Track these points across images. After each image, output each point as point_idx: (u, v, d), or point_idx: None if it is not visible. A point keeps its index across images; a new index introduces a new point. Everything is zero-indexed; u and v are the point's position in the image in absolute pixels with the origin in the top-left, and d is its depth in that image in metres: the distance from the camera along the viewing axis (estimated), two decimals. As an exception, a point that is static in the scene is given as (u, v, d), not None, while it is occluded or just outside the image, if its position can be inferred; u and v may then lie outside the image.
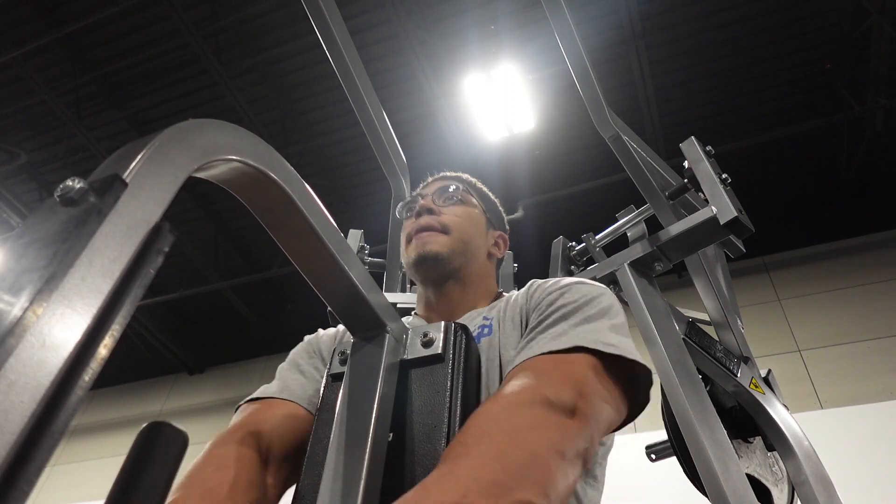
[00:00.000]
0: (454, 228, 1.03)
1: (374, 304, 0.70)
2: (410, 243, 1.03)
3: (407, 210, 1.11)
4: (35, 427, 0.30)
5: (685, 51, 4.49)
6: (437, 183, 1.13)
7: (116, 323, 0.35)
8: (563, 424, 0.63)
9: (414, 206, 1.07)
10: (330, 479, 0.62)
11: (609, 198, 3.77)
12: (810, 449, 1.42)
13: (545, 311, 0.81)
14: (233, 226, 6.01)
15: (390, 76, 4.70)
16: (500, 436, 0.59)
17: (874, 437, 3.51)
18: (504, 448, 0.57)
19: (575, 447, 0.62)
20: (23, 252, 0.34)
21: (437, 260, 0.99)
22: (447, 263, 1.00)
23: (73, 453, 6.15)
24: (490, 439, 0.58)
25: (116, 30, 4.64)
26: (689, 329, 1.49)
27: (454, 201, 1.07)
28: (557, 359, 0.71)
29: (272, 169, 0.56)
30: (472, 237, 1.05)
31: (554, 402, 0.63)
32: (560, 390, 0.65)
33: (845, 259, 4.76)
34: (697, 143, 1.45)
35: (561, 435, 0.61)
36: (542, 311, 0.82)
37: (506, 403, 0.64)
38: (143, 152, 0.41)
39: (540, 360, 0.71)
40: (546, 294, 0.86)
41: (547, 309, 0.81)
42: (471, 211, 1.08)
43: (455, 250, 1.01)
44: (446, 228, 1.02)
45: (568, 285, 0.85)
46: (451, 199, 1.07)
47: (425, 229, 1.02)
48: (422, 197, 1.10)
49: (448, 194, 1.08)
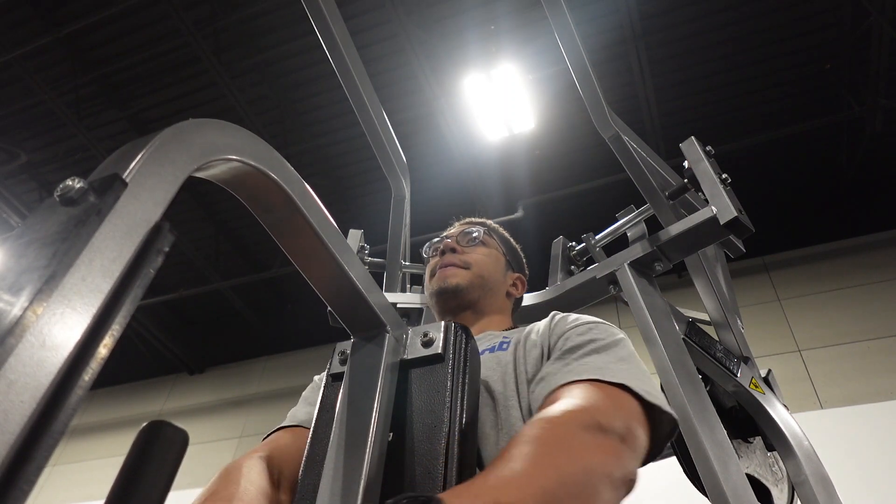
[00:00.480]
0: (474, 265, 1.13)
1: (374, 304, 0.70)
2: (433, 277, 1.13)
3: (432, 250, 1.22)
4: (35, 426, 0.30)
5: (685, 51, 4.49)
6: (462, 227, 1.25)
7: (116, 323, 0.35)
8: (615, 450, 0.66)
9: (439, 246, 1.19)
10: (330, 479, 0.62)
11: (609, 198, 3.76)
12: (810, 449, 1.42)
13: (576, 341, 0.84)
14: (233, 226, 6.01)
15: (390, 76, 4.70)
16: (559, 449, 0.61)
17: (874, 437, 3.51)
18: (561, 461, 0.59)
19: (622, 473, 0.65)
20: (23, 251, 0.34)
21: (457, 291, 1.08)
22: (466, 294, 1.09)
23: (73, 453, 6.15)
24: (548, 449, 0.60)
25: (116, 30, 4.64)
26: (689, 329, 1.49)
27: (476, 243, 1.18)
28: (607, 389, 0.73)
29: (272, 169, 0.56)
30: (491, 274, 1.14)
31: (607, 429, 0.66)
32: (613, 418, 0.68)
33: (845, 259, 4.76)
34: (697, 143, 1.45)
35: (613, 460, 0.64)
36: (572, 339, 0.85)
37: (564, 420, 0.66)
38: (143, 152, 0.41)
39: (589, 387, 0.74)
40: (572, 325, 0.89)
41: (577, 339, 0.84)
42: (491, 252, 1.19)
43: (474, 283, 1.10)
44: (467, 265, 1.13)
45: (594, 322, 0.90)
46: (473, 241, 1.18)
47: (447, 265, 1.12)
48: (447, 238, 1.21)
49: (471, 237, 1.19)
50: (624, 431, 0.68)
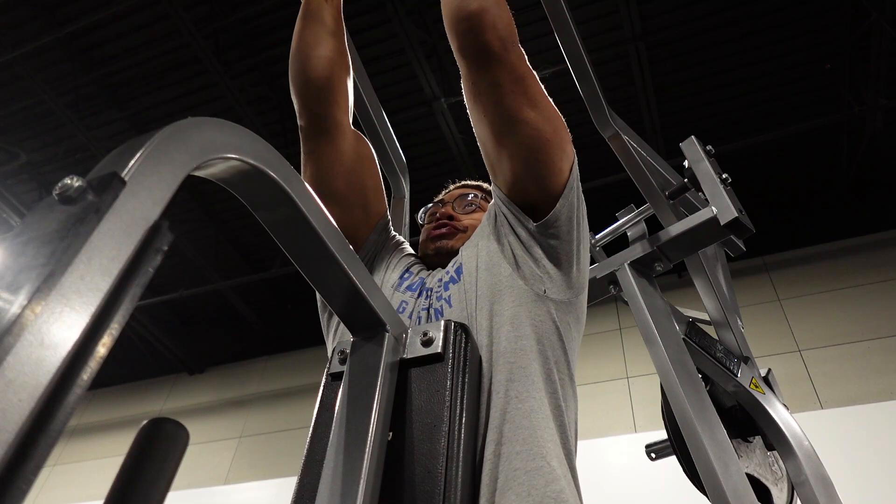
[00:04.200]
0: (471, 228, 1.15)
1: (373, 304, 0.70)
2: (429, 242, 1.16)
3: (428, 215, 1.25)
4: (33, 426, 0.30)
5: (685, 51, 4.49)
6: (458, 191, 1.27)
7: (115, 322, 0.35)
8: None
9: (436, 213, 1.22)
10: (329, 478, 0.62)
11: (609, 198, 3.76)
12: (810, 449, 1.42)
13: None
14: (233, 226, 6.00)
15: (390, 76, 4.70)
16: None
17: (874, 437, 3.51)
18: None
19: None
20: (21, 250, 0.34)
21: (452, 252, 1.11)
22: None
23: (73, 453, 6.15)
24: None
25: (116, 30, 4.64)
26: (689, 329, 1.49)
27: (473, 208, 1.21)
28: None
29: (271, 167, 0.56)
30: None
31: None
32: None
33: (845, 259, 4.75)
34: (697, 143, 1.45)
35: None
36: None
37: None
38: (142, 151, 0.41)
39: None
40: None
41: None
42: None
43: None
44: (465, 229, 1.15)
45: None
46: (469, 206, 1.21)
47: (443, 228, 1.15)
48: (443, 204, 1.24)
49: (467, 202, 1.22)
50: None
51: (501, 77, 0.96)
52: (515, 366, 0.84)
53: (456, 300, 0.96)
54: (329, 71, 1.14)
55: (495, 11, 0.97)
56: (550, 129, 0.98)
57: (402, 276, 1.10)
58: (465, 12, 0.97)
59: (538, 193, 0.98)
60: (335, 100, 1.15)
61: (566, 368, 0.91)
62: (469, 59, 0.99)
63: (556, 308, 0.93)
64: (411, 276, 1.09)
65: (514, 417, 0.78)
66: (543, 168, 0.97)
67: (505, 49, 0.96)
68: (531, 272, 0.95)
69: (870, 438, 3.50)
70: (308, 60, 1.14)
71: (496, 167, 1.03)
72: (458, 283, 0.99)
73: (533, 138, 0.96)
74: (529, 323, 0.90)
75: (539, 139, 0.96)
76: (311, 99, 1.13)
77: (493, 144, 1.01)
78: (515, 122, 0.96)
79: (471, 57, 0.98)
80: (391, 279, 1.09)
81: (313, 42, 1.15)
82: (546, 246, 0.97)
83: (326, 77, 1.14)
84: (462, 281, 0.98)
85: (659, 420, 1.56)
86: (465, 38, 0.98)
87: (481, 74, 0.97)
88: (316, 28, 1.17)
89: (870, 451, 3.42)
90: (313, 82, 1.13)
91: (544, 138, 0.96)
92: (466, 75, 1.01)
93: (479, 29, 0.96)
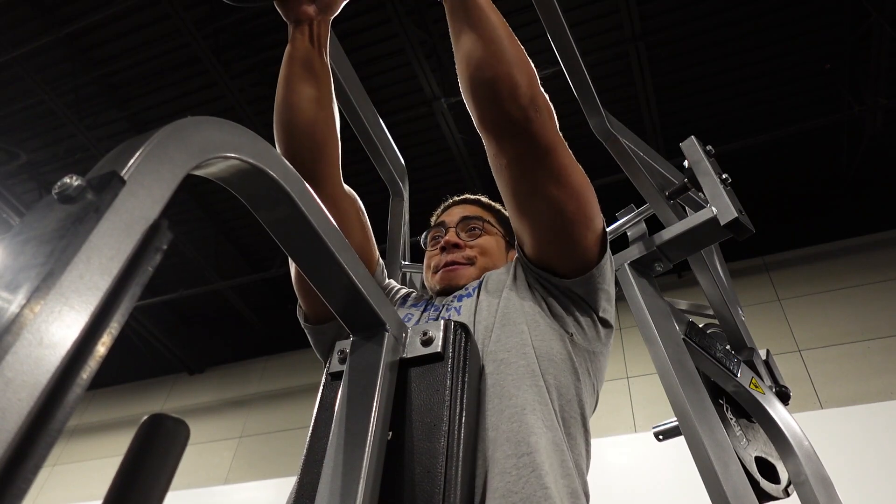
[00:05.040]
0: (478, 258, 1.13)
1: (373, 303, 0.70)
2: (436, 274, 1.12)
3: (432, 240, 1.21)
4: (33, 425, 0.30)
5: (685, 51, 4.49)
6: (459, 210, 1.22)
7: (115, 321, 0.35)
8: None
9: (439, 239, 1.17)
10: (329, 477, 0.62)
11: (608, 198, 3.76)
12: (810, 449, 1.42)
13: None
14: (233, 226, 6.00)
15: (390, 76, 4.69)
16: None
17: (874, 437, 3.51)
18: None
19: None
20: (20, 249, 0.34)
21: (460, 287, 1.08)
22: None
23: (73, 453, 6.15)
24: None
25: (116, 30, 4.63)
26: (689, 329, 1.49)
27: (477, 233, 1.17)
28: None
29: (271, 166, 0.56)
30: (494, 263, 1.14)
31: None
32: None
33: (845, 259, 4.75)
34: (697, 143, 1.45)
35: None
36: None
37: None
38: (142, 150, 0.41)
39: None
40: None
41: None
42: (491, 238, 1.18)
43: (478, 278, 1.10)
44: (472, 261, 1.12)
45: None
46: (474, 231, 1.17)
47: (452, 264, 1.11)
48: (445, 228, 1.18)
49: (470, 226, 1.18)
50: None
51: (525, 150, 0.89)
52: (532, 390, 0.82)
53: (466, 310, 0.95)
54: (319, 126, 1.06)
55: (514, 76, 0.89)
56: (574, 206, 0.91)
57: (405, 298, 1.12)
58: (480, 82, 0.90)
59: (564, 268, 0.95)
60: (327, 156, 1.07)
61: (578, 412, 0.88)
62: (489, 132, 0.92)
63: (577, 352, 0.92)
64: (413, 299, 1.12)
65: (532, 434, 0.77)
66: (568, 247, 0.93)
67: (527, 118, 0.88)
68: (560, 314, 0.93)
69: (870, 438, 3.50)
70: (298, 113, 1.05)
71: (520, 236, 0.98)
72: (472, 297, 0.98)
73: (556, 218, 0.91)
74: (548, 355, 0.88)
75: (563, 219, 0.91)
76: (301, 156, 1.04)
77: (514, 218, 0.97)
78: (537, 199, 0.91)
79: (491, 130, 0.92)
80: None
81: (302, 93, 1.06)
82: (575, 301, 0.95)
83: (317, 132, 1.06)
84: (476, 297, 0.97)
85: (659, 419, 1.56)
86: (483, 110, 0.92)
87: (503, 148, 0.91)
88: (303, 77, 1.07)
89: (870, 451, 3.42)
90: (304, 138, 1.05)
91: (567, 218, 0.91)
92: (489, 147, 0.95)
93: (497, 100, 0.89)
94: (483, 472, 0.74)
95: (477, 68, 0.90)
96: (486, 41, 0.91)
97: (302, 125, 1.05)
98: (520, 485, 0.71)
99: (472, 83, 0.92)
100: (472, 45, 0.92)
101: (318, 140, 1.06)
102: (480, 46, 0.91)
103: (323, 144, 1.06)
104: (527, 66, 0.93)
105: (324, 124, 1.07)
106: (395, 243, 1.80)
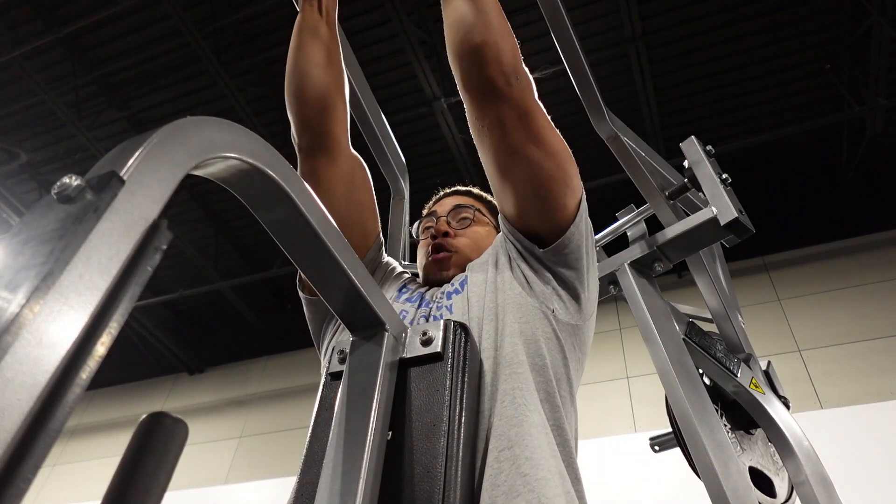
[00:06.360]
0: (467, 246, 1.15)
1: (373, 303, 0.70)
2: (428, 262, 1.14)
3: (423, 230, 1.24)
4: (32, 425, 0.30)
5: (685, 51, 4.49)
6: (451, 200, 1.25)
7: (114, 321, 0.35)
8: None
9: (430, 229, 1.20)
10: (329, 477, 0.62)
11: (609, 198, 3.76)
12: (810, 449, 1.42)
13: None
14: (233, 226, 6.00)
15: (390, 76, 4.70)
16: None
17: (874, 437, 3.51)
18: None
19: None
20: (20, 249, 0.34)
21: (450, 279, 1.09)
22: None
23: (73, 453, 6.15)
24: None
25: (116, 30, 4.64)
26: (689, 329, 1.49)
27: (468, 223, 1.19)
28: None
29: (270, 166, 0.56)
30: (484, 251, 1.14)
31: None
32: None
33: (845, 259, 4.75)
34: (697, 143, 1.44)
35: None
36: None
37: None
38: (141, 149, 0.41)
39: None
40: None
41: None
42: (482, 228, 1.20)
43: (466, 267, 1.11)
44: (461, 250, 1.14)
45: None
46: (464, 220, 1.20)
47: (441, 250, 1.13)
48: (437, 218, 1.21)
49: (461, 215, 1.20)
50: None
51: (505, 113, 0.95)
52: (522, 377, 0.84)
53: (458, 307, 0.97)
54: (327, 89, 1.14)
55: (499, 44, 0.96)
56: (553, 165, 0.96)
57: (400, 291, 1.11)
58: (468, 47, 0.97)
59: (542, 228, 0.99)
60: (335, 118, 1.14)
61: (568, 389, 0.92)
62: (472, 95, 0.98)
63: (561, 329, 0.95)
64: (409, 291, 1.11)
65: (521, 423, 0.78)
66: (546, 205, 0.97)
67: (509, 84, 0.94)
68: (541, 290, 0.96)
69: (870, 438, 3.50)
70: (306, 78, 1.13)
71: (501, 200, 1.03)
72: (462, 293, 0.99)
73: (535, 175, 0.95)
74: (535, 338, 0.90)
75: (541, 176, 0.95)
76: (310, 117, 1.12)
77: (496, 179, 1.01)
78: (518, 159, 0.96)
79: (474, 92, 0.97)
80: (389, 294, 1.10)
81: (310, 59, 1.15)
82: (555, 271, 0.98)
83: (325, 95, 1.13)
84: (466, 292, 0.99)
85: (659, 419, 1.56)
86: (469, 73, 0.98)
87: (485, 110, 0.97)
88: (312, 44, 1.16)
89: (870, 451, 3.42)
90: (313, 101, 1.12)
91: (547, 175, 0.96)
92: (470, 110, 1.00)
93: (482, 64, 0.95)
94: (480, 469, 0.75)
95: (467, 33, 0.97)
96: (477, 9, 0.98)
97: (310, 87, 1.13)
98: (501, 478, 0.73)
99: (461, 47, 0.98)
100: (463, 11, 0.99)
101: (325, 101, 1.13)
102: (472, 14, 0.98)
103: (331, 106, 1.14)
104: (512, 39, 0.99)
105: (332, 86, 1.15)
106: (396, 243, 1.80)
